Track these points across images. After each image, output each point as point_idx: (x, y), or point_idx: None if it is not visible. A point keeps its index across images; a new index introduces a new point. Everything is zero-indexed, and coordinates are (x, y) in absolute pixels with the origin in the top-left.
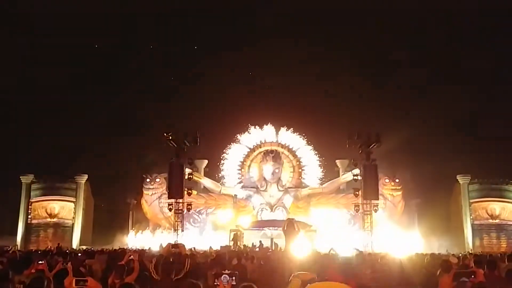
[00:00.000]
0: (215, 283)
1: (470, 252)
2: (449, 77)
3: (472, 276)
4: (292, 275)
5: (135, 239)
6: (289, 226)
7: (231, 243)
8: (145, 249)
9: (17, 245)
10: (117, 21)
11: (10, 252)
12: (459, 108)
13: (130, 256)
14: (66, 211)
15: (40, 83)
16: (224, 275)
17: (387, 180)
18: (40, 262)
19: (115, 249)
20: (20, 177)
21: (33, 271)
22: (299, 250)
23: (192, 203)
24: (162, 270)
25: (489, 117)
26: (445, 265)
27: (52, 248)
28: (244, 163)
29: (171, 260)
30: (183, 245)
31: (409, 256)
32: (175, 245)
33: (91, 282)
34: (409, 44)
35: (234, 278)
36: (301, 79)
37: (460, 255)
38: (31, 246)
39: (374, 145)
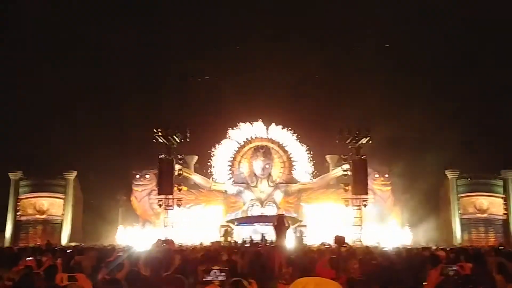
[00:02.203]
0: (205, 279)
1: (458, 245)
2: (438, 72)
3: (459, 270)
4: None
5: (125, 236)
6: (280, 221)
7: (222, 239)
8: (135, 246)
9: None
10: (105, 16)
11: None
12: (448, 102)
13: (118, 252)
14: (55, 207)
15: (28, 80)
16: (213, 271)
17: (376, 175)
18: (29, 258)
19: (104, 246)
20: (9, 173)
21: (21, 267)
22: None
23: (182, 199)
24: (152, 266)
25: (477, 111)
26: (433, 259)
27: (41, 245)
28: (235, 159)
29: (160, 256)
30: (173, 241)
31: (397, 250)
32: (165, 241)
33: (81, 278)
34: (398, 39)
35: (223, 273)
36: (291, 74)
37: (448, 249)
38: (21, 243)
39: (364, 141)
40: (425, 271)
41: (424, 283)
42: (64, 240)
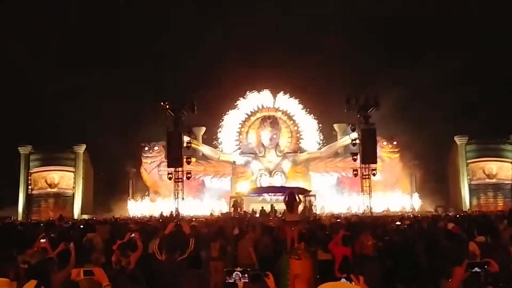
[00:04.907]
0: (228, 281)
1: (467, 212)
2: (446, 38)
3: (486, 266)
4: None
5: (136, 207)
6: (291, 197)
7: (232, 210)
8: (146, 218)
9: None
10: None
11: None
12: (456, 68)
13: (131, 234)
14: (66, 180)
15: (36, 53)
16: (235, 272)
17: (385, 143)
18: (42, 240)
19: (116, 219)
20: (18, 148)
21: (36, 249)
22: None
23: (191, 171)
24: (166, 250)
25: (485, 76)
26: (447, 234)
27: (54, 219)
28: (242, 129)
29: (174, 239)
30: (187, 224)
31: (409, 224)
32: (179, 225)
33: (98, 272)
34: (405, 5)
35: (246, 275)
36: (298, 42)
37: (457, 216)
38: (33, 216)
39: (372, 109)
40: (438, 245)
41: (449, 280)
42: (76, 212)
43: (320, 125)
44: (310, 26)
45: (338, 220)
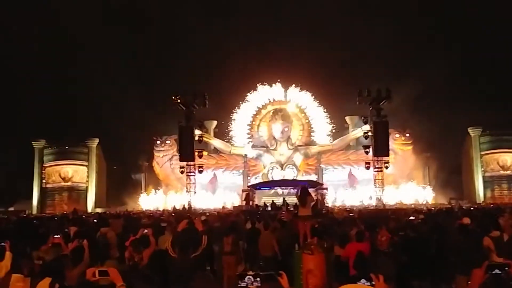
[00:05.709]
0: (239, 285)
1: (481, 204)
2: (459, 28)
3: (506, 268)
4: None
5: (148, 200)
6: (303, 192)
7: (244, 203)
8: (159, 212)
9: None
10: None
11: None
12: (469, 60)
13: (144, 230)
14: (80, 174)
15: (49, 49)
16: (248, 276)
17: (397, 135)
18: (56, 236)
19: (129, 212)
20: (32, 142)
21: (50, 245)
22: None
23: (203, 165)
24: (179, 247)
25: (499, 68)
26: (462, 229)
27: (68, 213)
28: (253, 122)
29: (187, 237)
30: (199, 221)
31: (423, 219)
32: (191, 222)
33: (113, 273)
34: None
35: (258, 279)
36: (309, 35)
37: (471, 209)
38: (48, 209)
39: (385, 101)
40: (452, 240)
41: (464, 277)
42: (90, 206)
43: (332, 117)
44: (322, 19)
45: (351, 214)
